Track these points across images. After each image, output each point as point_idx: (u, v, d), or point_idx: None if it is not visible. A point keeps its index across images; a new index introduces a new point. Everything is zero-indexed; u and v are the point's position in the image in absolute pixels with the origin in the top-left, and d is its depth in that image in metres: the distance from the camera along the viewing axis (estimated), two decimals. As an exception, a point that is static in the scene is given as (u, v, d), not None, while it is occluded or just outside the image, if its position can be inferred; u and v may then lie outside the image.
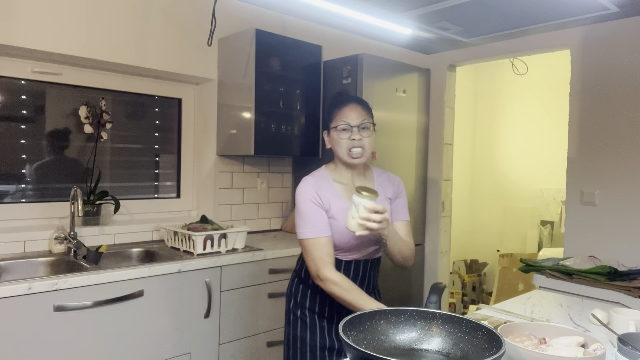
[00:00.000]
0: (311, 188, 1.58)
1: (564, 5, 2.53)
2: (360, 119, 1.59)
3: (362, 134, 1.58)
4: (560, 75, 3.51)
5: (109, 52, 2.35)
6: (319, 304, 1.66)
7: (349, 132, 1.58)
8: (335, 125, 1.60)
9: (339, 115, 1.60)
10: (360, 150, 1.58)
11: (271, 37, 2.59)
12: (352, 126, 1.58)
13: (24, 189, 2.36)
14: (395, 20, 2.85)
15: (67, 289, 1.75)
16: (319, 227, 1.53)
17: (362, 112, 1.61)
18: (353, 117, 1.58)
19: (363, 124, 1.59)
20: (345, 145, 1.58)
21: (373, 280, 1.74)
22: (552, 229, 4.32)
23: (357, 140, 1.57)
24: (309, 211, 1.55)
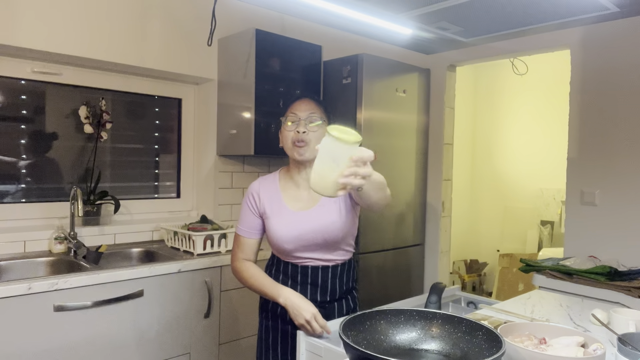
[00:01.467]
0: (251, 192, 1.59)
1: (564, 5, 2.53)
2: (309, 112, 1.53)
3: (308, 127, 1.52)
4: (560, 75, 3.51)
5: (109, 52, 2.35)
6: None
7: (296, 124, 1.53)
8: (284, 119, 1.57)
9: (289, 109, 1.58)
10: (303, 143, 1.50)
11: (271, 37, 2.59)
12: (299, 118, 1.52)
13: (24, 189, 2.36)
14: (395, 20, 2.85)
15: (67, 289, 1.75)
16: (246, 228, 1.59)
17: (313, 106, 1.56)
18: (302, 109, 1.54)
19: (311, 117, 1.53)
20: (291, 138, 1.52)
21: (340, 288, 1.61)
22: (552, 229, 4.32)
23: (302, 134, 1.50)
24: (243, 212, 1.60)
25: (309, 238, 1.53)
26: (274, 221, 1.54)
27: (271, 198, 1.57)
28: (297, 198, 1.57)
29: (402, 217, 3.15)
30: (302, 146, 1.51)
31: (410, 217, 3.23)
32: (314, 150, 1.30)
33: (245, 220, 1.59)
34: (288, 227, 1.53)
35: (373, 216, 2.85)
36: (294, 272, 1.58)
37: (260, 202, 1.57)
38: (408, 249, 3.23)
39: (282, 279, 1.59)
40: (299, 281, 1.58)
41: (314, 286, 1.57)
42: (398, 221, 3.12)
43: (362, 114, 2.79)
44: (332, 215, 1.53)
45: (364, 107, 2.79)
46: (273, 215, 1.55)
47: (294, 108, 1.56)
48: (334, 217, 1.53)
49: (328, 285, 1.58)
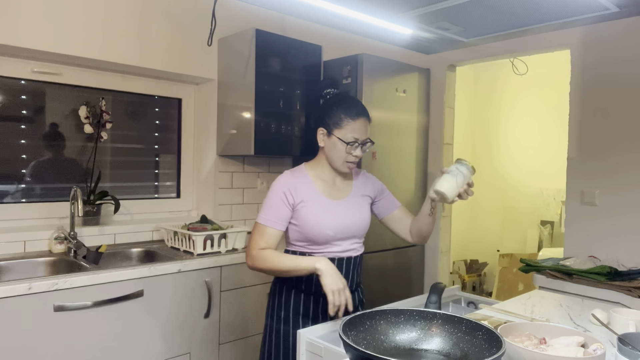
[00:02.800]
0: (286, 184, 1.60)
1: (564, 5, 2.53)
2: (366, 136, 1.62)
3: (362, 149, 1.62)
4: (560, 75, 3.51)
5: (109, 52, 2.35)
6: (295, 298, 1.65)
7: (354, 147, 1.59)
8: (344, 138, 1.58)
9: (350, 126, 1.58)
10: (354, 165, 1.63)
11: (271, 37, 2.59)
12: (359, 143, 1.60)
13: (24, 189, 2.36)
14: (395, 20, 2.85)
15: (67, 289, 1.75)
16: (274, 219, 1.57)
17: (368, 127, 1.63)
18: (362, 133, 1.60)
19: (366, 141, 1.62)
20: (344, 157, 1.60)
21: (355, 279, 1.72)
22: (552, 229, 4.32)
23: (357, 157, 1.61)
24: (274, 203, 1.58)
25: (347, 224, 1.62)
26: (314, 208, 1.58)
27: (307, 187, 1.62)
28: (330, 190, 1.65)
29: (402, 217, 3.15)
30: (352, 167, 1.63)
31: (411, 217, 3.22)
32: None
33: (274, 211, 1.58)
34: (329, 213, 1.59)
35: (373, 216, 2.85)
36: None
37: (296, 191, 1.59)
38: (408, 249, 3.23)
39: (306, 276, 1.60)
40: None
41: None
42: (398, 221, 3.12)
43: (362, 114, 2.78)
44: (362, 206, 1.69)
45: (364, 107, 2.79)
46: (311, 202, 1.59)
47: (355, 130, 1.59)
48: (364, 209, 1.69)
49: (349, 276, 1.66)
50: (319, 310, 1.64)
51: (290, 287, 1.66)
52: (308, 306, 1.64)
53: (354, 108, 1.62)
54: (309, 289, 1.63)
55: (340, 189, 1.67)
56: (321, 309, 1.64)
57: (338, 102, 1.65)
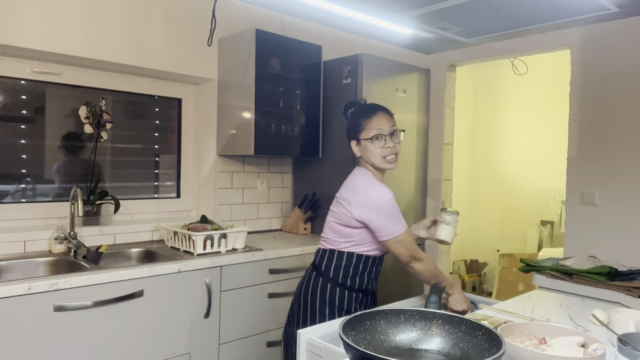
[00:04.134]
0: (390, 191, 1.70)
1: (564, 5, 2.53)
2: (391, 126, 1.70)
3: (394, 140, 1.70)
4: (560, 75, 3.51)
5: (109, 52, 2.35)
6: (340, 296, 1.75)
7: (383, 140, 1.68)
8: (368, 136, 1.69)
9: (370, 124, 1.69)
10: (394, 157, 1.72)
11: (271, 37, 2.59)
12: (385, 135, 1.68)
13: (24, 189, 2.36)
14: (395, 20, 2.85)
15: (67, 289, 1.75)
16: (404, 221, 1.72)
17: (391, 119, 1.72)
18: (384, 124, 1.69)
19: (393, 131, 1.70)
20: (380, 153, 1.69)
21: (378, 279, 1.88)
22: (552, 229, 4.32)
23: (392, 147, 1.70)
24: (396, 210, 1.68)
25: None
26: None
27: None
28: None
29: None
30: (393, 160, 1.72)
31: (411, 217, 3.22)
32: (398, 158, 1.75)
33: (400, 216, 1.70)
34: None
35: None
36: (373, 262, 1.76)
37: None
38: (408, 249, 3.22)
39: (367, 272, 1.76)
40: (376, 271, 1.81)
41: (378, 273, 1.83)
42: (398, 221, 3.12)
43: (362, 114, 2.78)
44: None
45: (364, 107, 2.79)
46: None
47: (375, 125, 1.69)
48: None
49: (380, 274, 1.87)
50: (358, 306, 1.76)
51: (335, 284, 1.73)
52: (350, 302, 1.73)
53: (367, 108, 1.76)
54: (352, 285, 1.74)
55: None
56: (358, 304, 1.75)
57: (355, 112, 1.78)
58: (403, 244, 1.67)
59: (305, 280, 1.80)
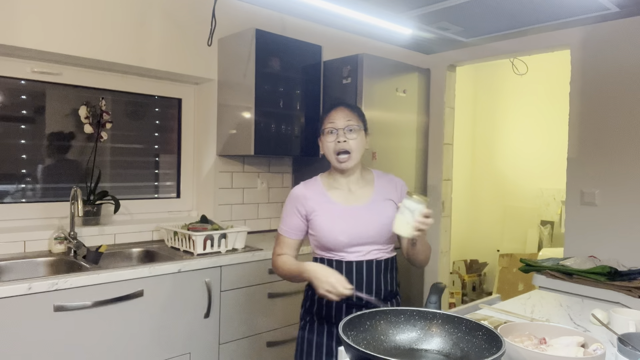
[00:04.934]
0: (296, 196, 1.63)
1: (564, 5, 2.53)
2: (346, 121, 1.58)
3: (347, 136, 1.57)
4: (560, 75, 3.51)
5: (109, 52, 2.35)
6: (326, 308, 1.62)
7: (335, 134, 1.58)
8: (322, 129, 1.62)
9: (327, 118, 1.62)
10: (347, 156, 1.57)
11: (271, 37, 2.59)
12: (337, 128, 1.58)
13: (24, 189, 2.36)
14: (395, 20, 2.85)
15: (67, 289, 1.75)
16: (287, 229, 1.64)
17: (349, 114, 1.60)
18: (339, 118, 1.58)
19: (349, 126, 1.58)
20: (332, 148, 1.58)
21: (386, 285, 1.63)
22: (552, 229, 4.32)
23: (342, 143, 1.56)
24: (288, 214, 1.64)
25: (363, 229, 1.57)
26: (324, 216, 1.58)
27: (318, 197, 1.62)
28: (344, 197, 1.63)
29: (402, 217, 3.15)
30: (344, 159, 1.57)
31: (410, 217, 3.22)
32: (356, 158, 1.59)
33: (288, 221, 1.64)
34: (342, 220, 1.57)
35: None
36: (339, 268, 1.56)
37: (306, 202, 1.61)
38: (408, 249, 3.23)
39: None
40: (355, 278, 1.57)
41: (359, 283, 1.56)
42: (398, 221, 3.12)
43: (362, 114, 2.78)
44: (383, 211, 1.60)
45: (364, 107, 2.79)
46: (323, 210, 1.59)
47: (331, 118, 1.60)
48: (385, 213, 1.60)
49: (373, 281, 1.59)
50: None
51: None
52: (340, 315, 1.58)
53: (330, 103, 1.73)
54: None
55: (357, 195, 1.63)
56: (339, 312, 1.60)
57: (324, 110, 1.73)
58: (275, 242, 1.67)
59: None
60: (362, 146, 1.62)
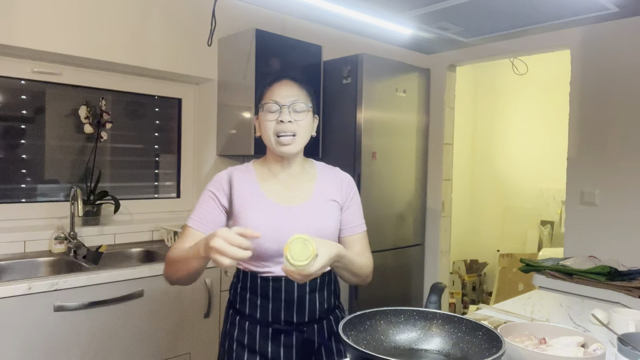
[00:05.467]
0: (222, 180, 1.34)
1: (564, 5, 2.53)
2: (293, 98, 1.30)
3: (293, 115, 1.29)
4: (560, 75, 3.51)
5: (109, 52, 2.35)
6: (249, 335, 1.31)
7: (277, 113, 1.29)
8: (262, 104, 1.33)
9: (268, 92, 1.34)
10: (290, 138, 1.29)
11: (271, 37, 2.59)
12: (280, 105, 1.29)
13: (24, 189, 2.36)
14: (395, 20, 2.85)
15: (67, 289, 1.75)
16: (203, 221, 1.30)
17: (297, 89, 1.33)
18: (283, 94, 1.31)
19: (295, 104, 1.30)
20: (272, 129, 1.29)
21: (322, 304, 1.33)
22: (552, 229, 4.32)
23: (287, 123, 1.28)
24: (205, 202, 1.32)
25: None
26: (254, 214, 1.28)
27: (247, 189, 1.32)
28: (279, 193, 1.34)
29: (402, 217, 3.15)
30: (287, 142, 1.29)
31: (410, 217, 3.23)
32: (301, 143, 1.31)
33: (203, 211, 1.31)
34: (272, 221, 1.27)
35: (373, 216, 2.85)
36: (265, 286, 1.30)
37: (230, 192, 1.32)
38: (408, 249, 3.23)
39: (249, 297, 1.33)
40: (271, 297, 1.29)
41: (288, 303, 1.29)
42: (398, 221, 3.12)
43: (362, 114, 2.79)
44: (326, 213, 1.35)
45: (364, 107, 2.79)
46: (251, 207, 1.29)
47: (273, 92, 1.32)
48: (328, 216, 1.35)
49: (305, 301, 1.31)
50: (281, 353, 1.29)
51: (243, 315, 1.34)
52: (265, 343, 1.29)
53: (273, 75, 1.40)
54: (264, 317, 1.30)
55: (295, 192, 1.34)
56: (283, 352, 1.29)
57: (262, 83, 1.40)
58: (180, 236, 1.32)
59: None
60: (309, 130, 1.34)
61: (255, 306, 1.31)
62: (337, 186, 1.40)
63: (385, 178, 2.97)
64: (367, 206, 2.82)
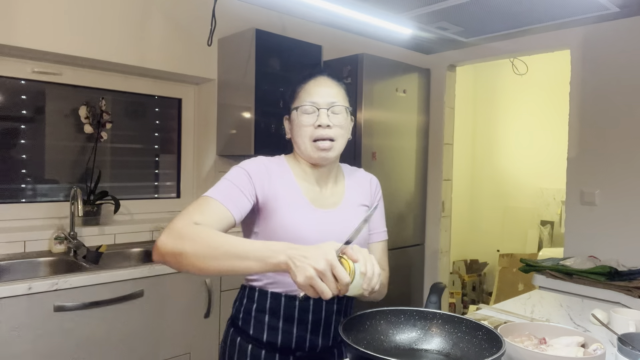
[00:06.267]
0: (260, 169, 1.15)
1: (564, 5, 2.53)
2: (331, 99, 1.16)
3: (332, 119, 1.15)
4: (560, 75, 3.51)
5: (109, 52, 2.35)
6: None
7: (315, 115, 1.15)
8: (297, 106, 1.17)
9: (303, 91, 1.18)
10: (330, 143, 1.15)
11: (271, 37, 2.59)
12: (318, 107, 1.15)
13: (24, 189, 2.36)
14: (395, 20, 2.85)
15: (67, 289, 1.75)
16: (227, 198, 1.06)
17: (335, 89, 1.18)
18: (321, 93, 1.16)
19: (334, 106, 1.16)
20: (309, 134, 1.15)
21: (337, 326, 1.17)
22: (552, 229, 4.32)
23: (325, 128, 1.14)
24: (233, 182, 1.10)
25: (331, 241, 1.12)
26: (292, 215, 1.12)
27: (286, 184, 1.17)
28: (314, 194, 1.21)
29: (402, 217, 3.15)
30: (326, 147, 1.15)
31: (410, 217, 3.23)
32: (339, 149, 1.17)
33: (229, 190, 1.09)
34: (312, 226, 1.13)
35: (373, 216, 2.85)
36: (289, 305, 1.12)
37: (270, 182, 1.14)
38: (408, 249, 3.23)
39: (268, 320, 1.15)
40: (296, 319, 1.13)
41: (315, 325, 1.14)
42: (398, 221, 3.12)
43: (362, 114, 2.79)
44: (355, 216, 1.22)
45: (364, 107, 2.79)
46: (291, 204, 1.14)
47: (310, 91, 1.17)
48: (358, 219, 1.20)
49: (332, 321, 1.16)
50: None
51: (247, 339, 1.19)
52: None
53: (306, 71, 1.22)
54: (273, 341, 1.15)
55: (327, 197, 1.23)
56: None
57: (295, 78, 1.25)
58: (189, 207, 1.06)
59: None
60: (348, 134, 1.22)
61: (275, 330, 1.14)
62: (366, 188, 1.30)
63: (385, 178, 2.97)
64: (367, 206, 2.82)
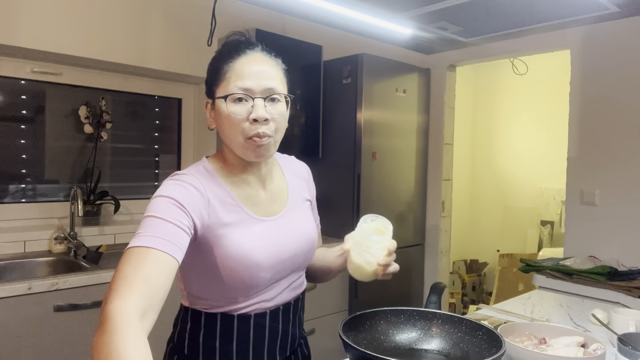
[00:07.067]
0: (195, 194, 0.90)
1: (564, 5, 2.53)
2: (269, 82, 0.94)
3: (270, 111, 0.93)
4: (560, 75, 3.51)
5: (109, 52, 2.35)
6: None
7: (249, 105, 0.92)
8: (225, 94, 0.92)
9: (231, 72, 0.93)
10: (268, 140, 0.93)
11: (271, 37, 2.59)
12: (253, 97, 0.92)
13: (24, 189, 2.36)
14: (395, 20, 2.85)
15: (67, 289, 1.75)
16: (162, 240, 0.84)
17: (271, 70, 0.97)
18: (256, 76, 0.92)
19: (271, 93, 0.94)
20: (242, 130, 0.92)
21: (294, 334, 1.07)
22: (552, 229, 4.32)
23: (262, 123, 0.91)
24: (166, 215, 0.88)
25: (290, 257, 1.00)
26: (243, 237, 0.94)
27: (223, 201, 0.95)
28: (255, 200, 1.00)
29: (402, 217, 3.15)
30: (262, 143, 0.92)
31: (410, 217, 3.23)
32: (277, 143, 0.98)
33: (163, 232, 0.86)
34: (265, 244, 0.96)
35: (373, 216, 2.85)
36: (244, 327, 0.98)
37: (209, 206, 0.92)
38: (408, 249, 3.23)
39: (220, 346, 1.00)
40: (252, 338, 0.99)
41: (272, 338, 1.01)
42: (398, 221, 3.12)
43: (362, 114, 2.79)
44: (307, 219, 1.08)
45: (364, 107, 2.79)
46: (237, 227, 0.94)
47: (241, 75, 0.92)
48: (308, 219, 1.09)
49: (289, 329, 1.05)
50: None
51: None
52: None
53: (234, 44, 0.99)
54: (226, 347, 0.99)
55: (270, 201, 1.03)
56: None
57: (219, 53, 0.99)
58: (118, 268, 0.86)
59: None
60: (286, 122, 1.01)
61: (228, 354, 0.98)
62: (304, 179, 1.17)
63: (385, 178, 2.97)
64: (367, 206, 2.82)
